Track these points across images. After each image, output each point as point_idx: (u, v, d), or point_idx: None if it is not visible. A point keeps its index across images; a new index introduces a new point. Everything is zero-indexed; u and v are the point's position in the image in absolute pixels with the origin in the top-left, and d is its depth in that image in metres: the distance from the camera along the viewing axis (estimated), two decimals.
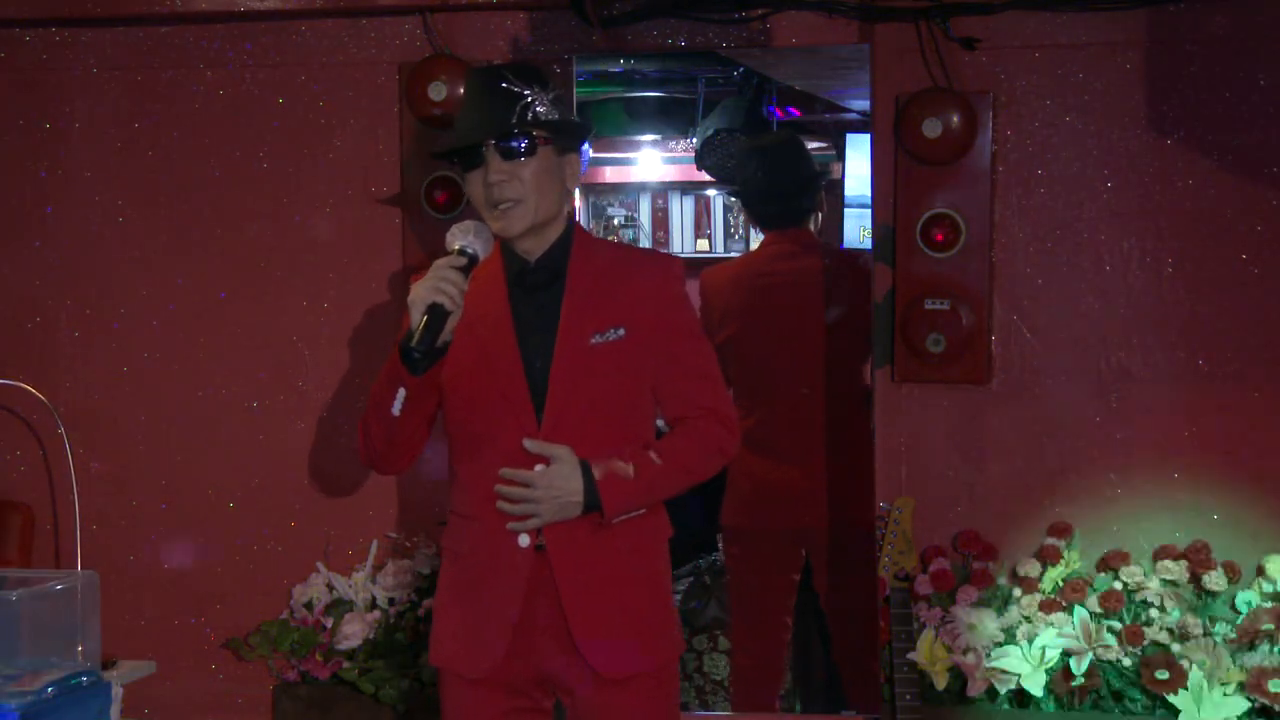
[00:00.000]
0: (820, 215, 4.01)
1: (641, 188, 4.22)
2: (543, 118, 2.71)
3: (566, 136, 2.78)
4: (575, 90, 3.94)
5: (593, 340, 2.75)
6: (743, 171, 4.01)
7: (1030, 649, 3.79)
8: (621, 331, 2.76)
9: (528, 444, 2.71)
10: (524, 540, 2.74)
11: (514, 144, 2.70)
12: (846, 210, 4.02)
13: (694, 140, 4.03)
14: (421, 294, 2.65)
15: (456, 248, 2.71)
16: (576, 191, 3.54)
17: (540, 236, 2.78)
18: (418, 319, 2.64)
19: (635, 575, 2.80)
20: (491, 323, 2.78)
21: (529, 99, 2.71)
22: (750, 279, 4.04)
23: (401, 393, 2.70)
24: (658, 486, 2.78)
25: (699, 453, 2.81)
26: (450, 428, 2.85)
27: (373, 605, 4.14)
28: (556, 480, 2.69)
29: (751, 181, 4.00)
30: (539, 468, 2.71)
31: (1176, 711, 3.70)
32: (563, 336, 2.75)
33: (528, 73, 2.75)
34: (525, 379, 2.74)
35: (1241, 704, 3.67)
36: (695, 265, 3.87)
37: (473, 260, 2.71)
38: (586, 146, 2.93)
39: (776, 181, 3.97)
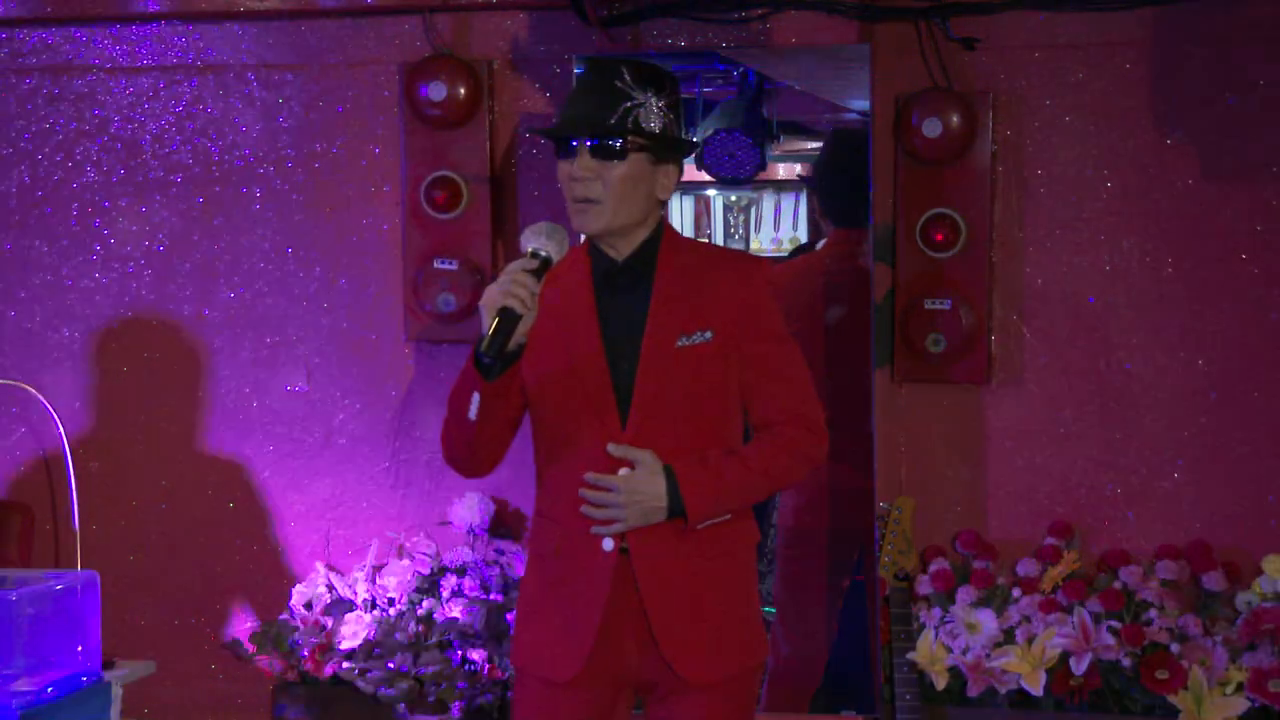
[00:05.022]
0: None
1: None
2: (644, 125, 2.67)
3: (664, 148, 2.73)
4: None
5: (679, 343, 2.71)
6: (829, 164, 3.97)
7: (1030, 649, 3.79)
8: (709, 334, 2.73)
9: (612, 449, 2.69)
10: (608, 544, 2.72)
11: (607, 144, 2.67)
12: None
13: (694, 140, 4.02)
14: (492, 298, 2.59)
15: (529, 250, 2.67)
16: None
17: (628, 237, 2.75)
18: (488, 323, 2.58)
19: (719, 580, 2.78)
20: (578, 323, 2.75)
21: (636, 102, 2.67)
22: (816, 277, 4.01)
23: (476, 397, 2.66)
24: (743, 492, 2.76)
25: (785, 459, 2.77)
26: (535, 429, 2.82)
27: (373, 605, 4.14)
28: (640, 485, 2.67)
29: (837, 175, 3.97)
30: (623, 472, 2.69)
31: (1176, 712, 3.70)
32: (649, 339, 2.72)
33: (647, 74, 2.71)
34: (610, 381, 2.72)
35: (1241, 704, 3.67)
36: None
37: (545, 263, 2.65)
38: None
39: (863, 179, 3.92)
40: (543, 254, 2.66)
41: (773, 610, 4.03)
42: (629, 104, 2.67)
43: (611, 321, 2.75)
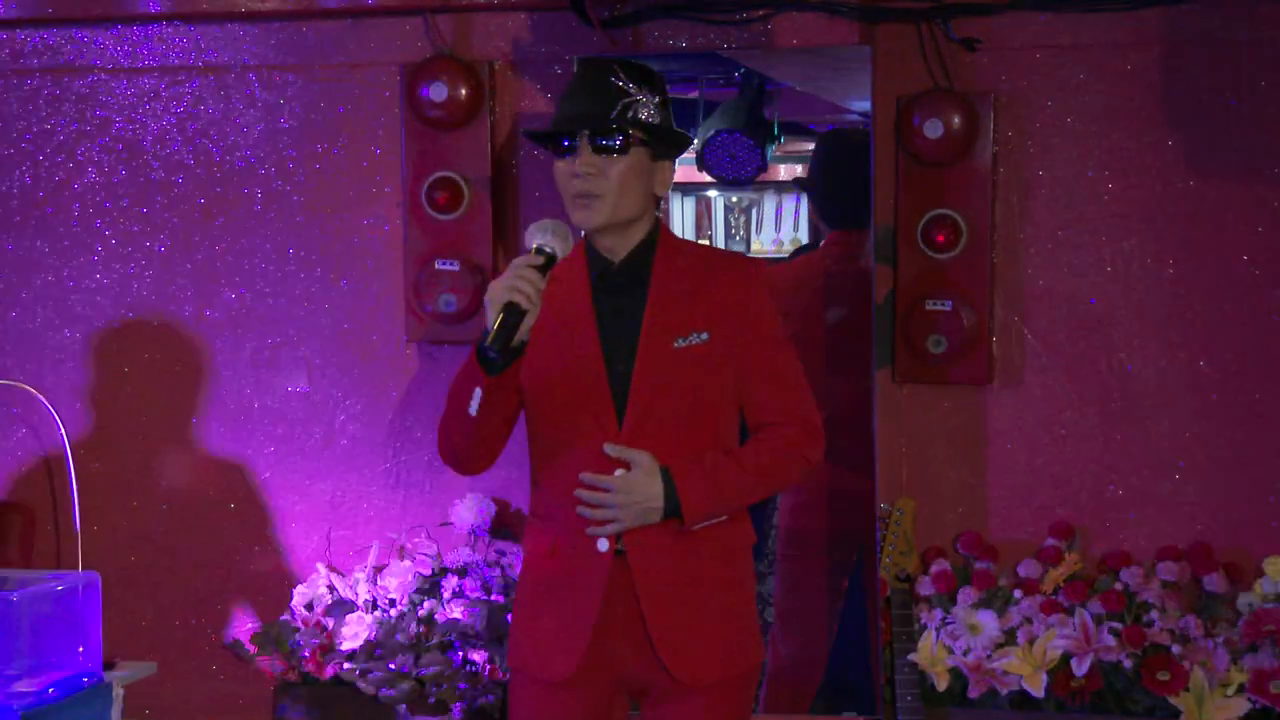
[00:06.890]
0: None
1: None
2: (644, 120, 2.70)
3: (663, 143, 2.76)
4: None
5: (676, 344, 2.72)
6: (822, 166, 3.98)
7: (1031, 650, 3.79)
8: (705, 335, 2.73)
9: (608, 449, 2.69)
10: (603, 545, 2.72)
11: (609, 140, 2.69)
12: None
13: (695, 141, 4.02)
14: (498, 293, 2.61)
15: (534, 246, 2.68)
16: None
17: (624, 236, 2.76)
18: (493, 318, 2.59)
19: (716, 582, 2.78)
20: (574, 324, 2.75)
21: (634, 98, 2.70)
22: (813, 279, 4.02)
23: (478, 393, 2.67)
24: (739, 493, 2.76)
25: (782, 460, 2.78)
26: (531, 429, 2.82)
27: (373, 606, 4.14)
28: (637, 486, 2.68)
29: (830, 177, 3.98)
30: (619, 473, 2.69)
31: (1177, 713, 3.70)
32: (645, 340, 2.72)
33: (640, 73, 2.74)
34: (607, 381, 2.72)
35: (1243, 705, 3.67)
36: None
37: (550, 259, 2.66)
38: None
39: (857, 180, 3.93)
40: (548, 250, 2.67)
41: (771, 611, 4.03)
42: (626, 100, 2.70)
43: (608, 322, 2.76)
